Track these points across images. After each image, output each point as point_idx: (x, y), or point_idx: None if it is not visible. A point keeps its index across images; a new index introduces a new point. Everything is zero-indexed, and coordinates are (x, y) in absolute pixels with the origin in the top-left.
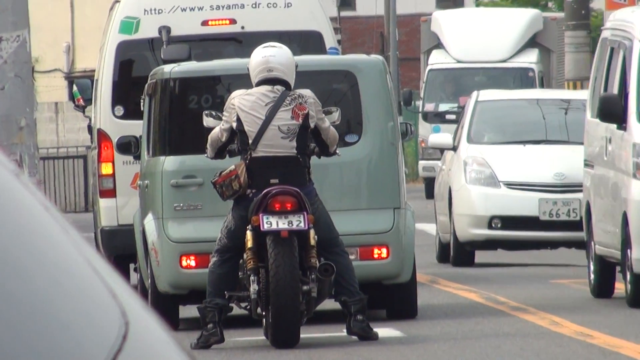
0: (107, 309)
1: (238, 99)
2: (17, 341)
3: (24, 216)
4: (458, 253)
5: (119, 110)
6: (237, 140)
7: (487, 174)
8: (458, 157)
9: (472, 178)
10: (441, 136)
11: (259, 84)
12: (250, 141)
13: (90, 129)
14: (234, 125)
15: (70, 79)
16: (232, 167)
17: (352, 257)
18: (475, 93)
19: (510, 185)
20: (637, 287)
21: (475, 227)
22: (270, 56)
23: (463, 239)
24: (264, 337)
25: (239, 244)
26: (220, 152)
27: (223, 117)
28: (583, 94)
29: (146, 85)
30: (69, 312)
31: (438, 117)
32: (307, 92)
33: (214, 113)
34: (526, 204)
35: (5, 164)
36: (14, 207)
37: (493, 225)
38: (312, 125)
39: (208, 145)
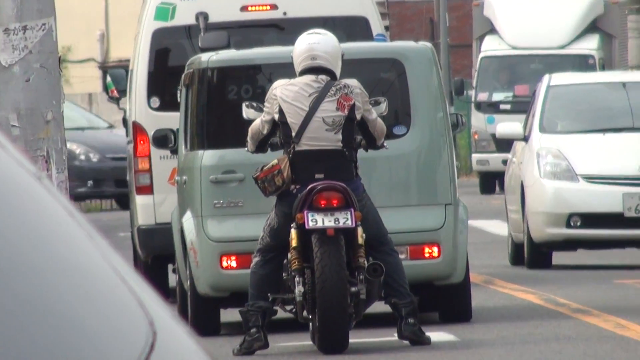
0: (134, 318)
1: (280, 89)
2: (41, 351)
3: (46, 222)
4: (533, 254)
5: (155, 101)
6: (280, 132)
7: (563, 167)
8: (530, 148)
9: (547, 172)
10: (510, 125)
11: (303, 73)
12: (293, 134)
13: (125, 121)
14: (276, 117)
15: (104, 68)
16: (275, 161)
17: (402, 256)
18: (546, 77)
19: (590, 179)
20: None
21: (551, 226)
22: (314, 43)
23: (538, 239)
24: (310, 342)
25: (283, 243)
26: (262, 145)
27: (264, 109)
28: None
29: (183, 75)
30: (94, 322)
31: (492, 107)
32: (353, 82)
33: (254, 104)
34: (608, 200)
35: (26, 166)
36: (36, 212)
37: (572, 223)
38: (358, 117)
39: (248, 139)
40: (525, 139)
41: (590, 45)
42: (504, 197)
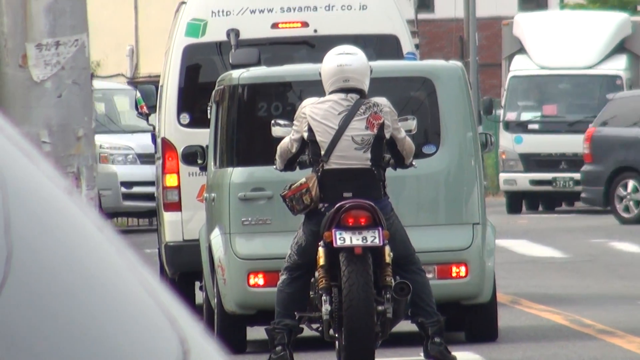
0: (165, 336)
1: (310, 107)
2: None
3: (76, 238)
4: None
5: (185, 118)
6: (308, 151)
7: None
8: None
9: None
10: None
11: (333, 92)
12: (322, 152)
13: (154, 137)
14: (305, 135)
15: (134, 84)
16: (303, 179)
17: (429, 275)
18: None
19: None
20: None
21: None
22: (346, 65)
23: None
24: None
25: (310, 261)
26: (290, 163)
27: (293, 127)
28: None
29: (213, 92)
30: (124, 340)
31: (520, 127)
32: (382, 101)
33: (282, 122)
34: None
35: (57, 181)
36: (66, 228)
37: None
38: (387, 135)
39: (277, 157)
40: None
41: (618, 65)
42: None
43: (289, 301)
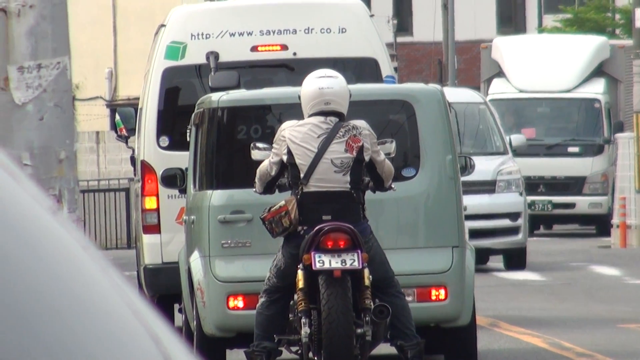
0: (149, 355)
1: (289, 130)
2: None
3: (61, 256)
4: None
5: (164, 140)
6: (288, 174)
7: None
8: None
9: None
10: None
11: (313, 115)
12: (301, 175)
13: (133, 160)
14: (285, 158)
15: (113, 107)
16: (283, 202)
17: (408, 298)
18: None
19: None
20: None
21: None
22: (326, 88)
23: None
24: None
25: (289, 284)
26: (270, 186)
27: (273, 150)
28: None
29: (193, 115)
30: (107, 359)
31: None
32: (361, 124)
33: (261, 145)
34: None
35: (41, 200)
36: (49, 246)
37: None
38: (366, 158)
39: (257, 179)
40: None
41: (596, 89)
42: None
43: (267, 324)
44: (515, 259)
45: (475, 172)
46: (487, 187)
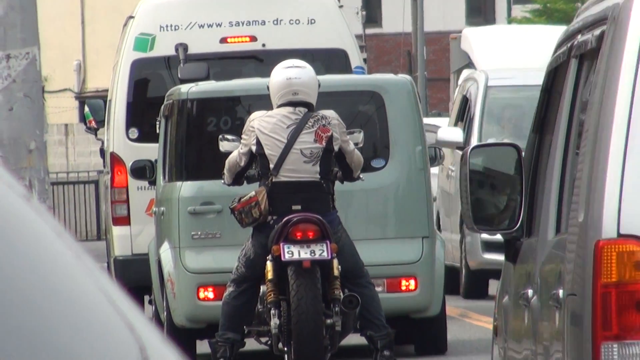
0: (124, 343)
1: (258, 120)
2: None
3: (34, 243)
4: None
5: (133, 132)
6: (257, 164)
7: None
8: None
9: None
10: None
11: (281, 105)
12: (271, 165)
13: (102, 152)
14: (254, 148)
15: (81, 99)
16: (253, 193)
17: (378, 288)
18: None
19: None
20: None
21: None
22: (294, 78)
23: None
24: None
25: (258, 274)
26: (239, 177)
27: (242, 140)
28: None
29: (162, 106)
30: (82, 347)
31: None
32: (330, 114)
33: (229, 137)
34: None
35: (15, 187)
36: (23, 233)
37: None
38: (336, 148)
39: (225, 171)
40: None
41: None
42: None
43: (234, 314)
44: None
45: None
46: None
